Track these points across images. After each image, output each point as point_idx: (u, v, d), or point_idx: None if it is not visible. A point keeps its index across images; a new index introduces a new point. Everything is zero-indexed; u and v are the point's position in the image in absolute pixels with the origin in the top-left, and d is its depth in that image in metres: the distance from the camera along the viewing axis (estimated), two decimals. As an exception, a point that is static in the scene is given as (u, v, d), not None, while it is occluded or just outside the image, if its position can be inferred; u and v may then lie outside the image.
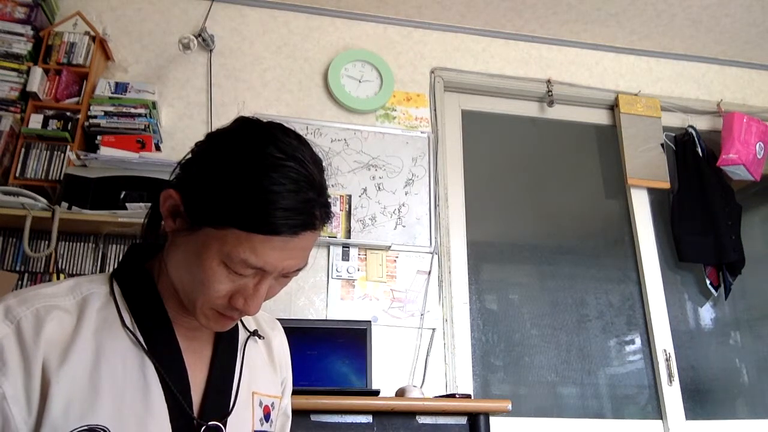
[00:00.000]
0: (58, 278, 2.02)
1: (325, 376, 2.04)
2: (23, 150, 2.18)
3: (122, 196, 2.05)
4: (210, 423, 0.78)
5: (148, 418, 0.72)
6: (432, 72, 2.82)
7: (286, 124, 0.79)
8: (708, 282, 2.79)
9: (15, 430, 0.68)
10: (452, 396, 1.89)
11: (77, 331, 0.73)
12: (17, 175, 2.14)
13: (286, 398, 0.97)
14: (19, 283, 2.01)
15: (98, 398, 0.70)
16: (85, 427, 0.69)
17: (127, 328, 0.76)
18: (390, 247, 2.46)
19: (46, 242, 2.01)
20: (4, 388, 0.68)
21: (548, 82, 2.90)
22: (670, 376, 2.58)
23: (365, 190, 2.54)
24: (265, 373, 0.91)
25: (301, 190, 0.71)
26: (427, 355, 2.34)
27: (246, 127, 0.77)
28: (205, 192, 0.73)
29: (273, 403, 0.90)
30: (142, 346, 0.76)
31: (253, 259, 0.71)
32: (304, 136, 0.80)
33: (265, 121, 0.78)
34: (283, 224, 0.70)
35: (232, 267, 0.72)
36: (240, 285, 0.74)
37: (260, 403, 0.87)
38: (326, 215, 0.75)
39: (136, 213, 2.01)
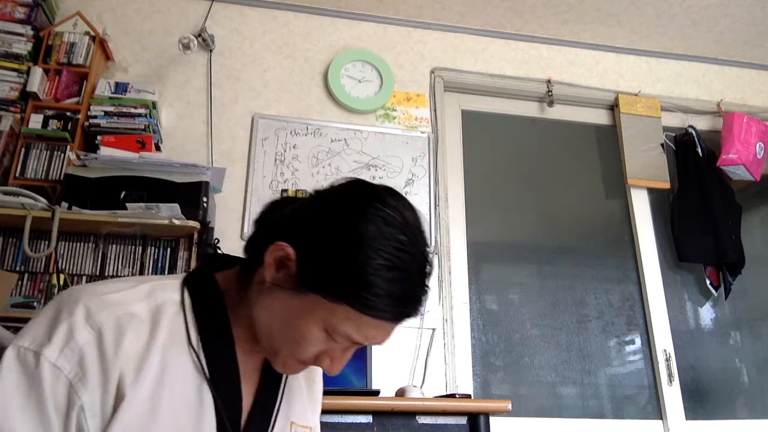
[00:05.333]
0: (58, 278, 2.02)
1: (325, 376, 2.04)
2: (23, 150, 2.18)
3: (122, 196, 2.05)
4: None
5: None
6: (432, 72, 2.82)
7: (288, 123, 0.79)
8: (708, 282, 2.78)
9: None
10: (452, 396, 1.89)
11: (149, 344, 0.72)
12: (17, 175, 2.14)
13: (317, 417, 0.97)
14: (19, 283, 2.01)
15: (156, 421, 0.70)
16: None
17: (193, 348, 0.75)
18: (390, 247, 2.45)
19: (46, 242, 2.01)
20: (83, 399, 0.67)
21: (548, 82, 2.90)
22: (670, 376, 2.58)
23: (365, 190, 2.54)
24: (301, 401, 0.91)
25: (418, 280, 0.73)
26: (427, 355, 2.34)
27: (367, 200, 0.74)
28: (326, 265, 0.71)
29: None
30: (204, 371, 0.75)
31: (356, 336, 0.73)
32: (305, 136, 0.80)
33: (380, 187, 0.77)
34: (398, 313, 0.73)
35: (332, 336, 0.74)
36: (330, 348, 0.76)
37: None
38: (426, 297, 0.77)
39: (136, 213, 2.01)
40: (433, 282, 2.42)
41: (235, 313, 0.80)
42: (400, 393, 1.92)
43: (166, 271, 2.11)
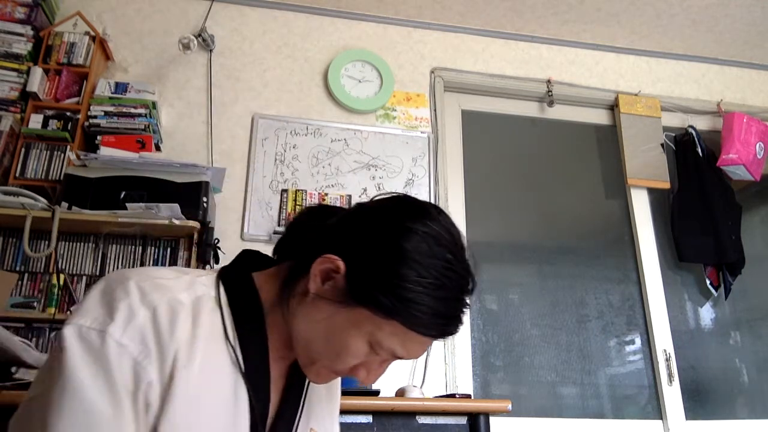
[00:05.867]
0: (57, 278, 2.02)
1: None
2: (23, 150, 2.18)
3: (122, 196, 2.05)
4: None
5: None
6: (432, 72, 2.82)
7: (288, 123, 0.79)
8: (708, 282, 2.78)
9: (149, 422, 0.66)
10: (452, 396, 1.89)
11: (194, 333, 0.71)
12: (17, 175, 2.15)
13: (336, 423, 0.97)
14: (19, 283, 2.01)
15: (201, 410, 0.70)
16: None
17: (230, 343, 0.75)
18: (390, 247, 2.45)
19: (46, 242, 2.01)
20: (151, 376, 0.67)
21: (548, 82, 2.90)
22: (670, 376, 2.58)
23: (365, 190, 2.54)
24: (321, 408, 0.91)
25: (462, 301, 0.75)
26: (427, 355, 2.34)
27: (417, 217, 0.76)
28: (378, 281, 0.72)
29: None
30: (240, 367, 0.75)
31: (399, 351, 0.75)
32: (305, 136, 0.80)
33: (427, 204, 0.80)
34: (443, 331, 0.75)
35: (375, 350, 0.75)
36: (368, 360, 0.77)
37: None
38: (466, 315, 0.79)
39: (136, 213, 2.01)
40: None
41: (268, 319, 0.80)
42: (400, 393, 1.91)
43: (166, 271, 2.11)
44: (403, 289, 0.71)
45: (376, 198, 0.81)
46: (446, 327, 0.74)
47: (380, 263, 0.72)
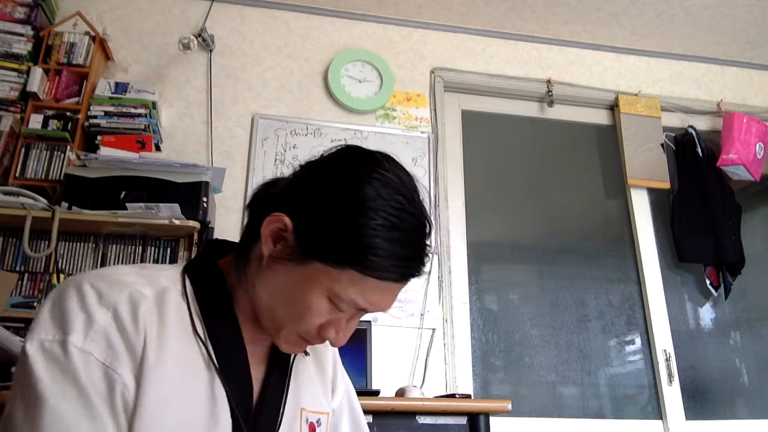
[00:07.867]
0: (58, 278, 2.02)
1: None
2: (23, 150, 2.18)
3: (122, 196, 2.04)
4: None
5: None
6: (432, 72, 2.82)
7: (288, 123, 0.78)
8: (708, 282, 2.78)
9: (125, 423, 0.65)
10: (452, 396, 1.89)
11: (161, 329, 0.70)
12: (17, 175, 2.15)
13: (338, 398, 0.95)
14: (19, 283, 2.01)
15: (169, 409, 0.68)
16: None
17: (200, 337, 0.73)
18: (390, 247, 2.45)
19: (46, 242, 2.01)
20: (124, 377, 0.65)
21: (548, 82, 2.90)
22: (670, 376, 2.58)
23: (365, 190, 2.54)
24: (312, 388, 0.89)
25: (420, 239, 0.73)
26: (427, 355, 2.34)
27: (363, 163, 0.75)
28: (326, 230, 0.71)
29: (319, 419, 0.87)
30: (213, 363, 0.73)
31: (360, 301, 0.72)
32: (305, 136, 0.79)
33: (374, 151, 0.77)
34: (403, 274, 0.73)
35: (337, 304, 0.73)
36: (334, 318, 0.75)
37: (306, 420, 0.85)
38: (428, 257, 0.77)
39: (136, 213, 2.01)
40: (432, 282, 2.44)
41: (236, 298, 0.79)
42: (400, 393, 1.91)
43: (166, 271, 2.11)
44: (352, 235, 0.69)
45: (325, 153, 0.80)
46: (404, 269, 0.72)
47: (326, 212, 0.71)
